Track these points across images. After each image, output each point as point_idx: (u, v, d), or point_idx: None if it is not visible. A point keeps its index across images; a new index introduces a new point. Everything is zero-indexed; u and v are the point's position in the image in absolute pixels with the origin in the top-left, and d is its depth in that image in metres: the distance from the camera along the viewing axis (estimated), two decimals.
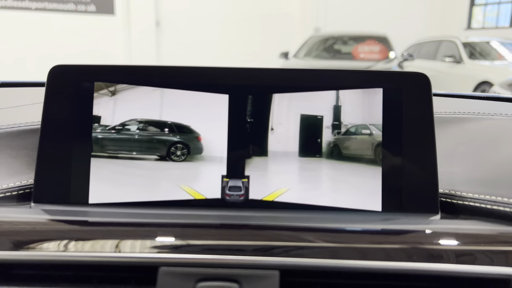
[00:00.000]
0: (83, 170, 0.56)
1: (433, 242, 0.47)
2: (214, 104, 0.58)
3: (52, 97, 0.57)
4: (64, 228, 0.49)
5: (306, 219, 0.53)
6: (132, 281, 0.46)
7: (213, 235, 0.47)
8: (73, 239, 0.47)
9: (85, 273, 0.48)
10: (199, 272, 0.43)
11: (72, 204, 0.56)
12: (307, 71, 0.58)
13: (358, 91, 0.58)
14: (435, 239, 0.48)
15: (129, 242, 0.46)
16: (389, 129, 0.57)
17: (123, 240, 0.46)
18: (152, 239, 0.46)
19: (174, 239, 0.46)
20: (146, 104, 0.58)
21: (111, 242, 0.46)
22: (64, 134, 0.57)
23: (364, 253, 0.45)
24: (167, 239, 0.46)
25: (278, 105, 0.58)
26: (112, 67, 0.58)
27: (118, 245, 0.46)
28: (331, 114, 0.58)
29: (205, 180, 0.57)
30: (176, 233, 0.47)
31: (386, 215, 0.55)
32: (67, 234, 0.48)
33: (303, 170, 0.58)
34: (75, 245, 0.46)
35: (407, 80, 0.57)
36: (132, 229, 0.48)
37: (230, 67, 0.58)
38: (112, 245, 0.46)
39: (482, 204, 0.55)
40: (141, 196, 0.56)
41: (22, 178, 0.59)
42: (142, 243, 0.46)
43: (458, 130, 0.68)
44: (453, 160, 0.62)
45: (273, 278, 0.43)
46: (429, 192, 0.55)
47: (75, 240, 0.47)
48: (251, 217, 0.54)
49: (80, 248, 0.46)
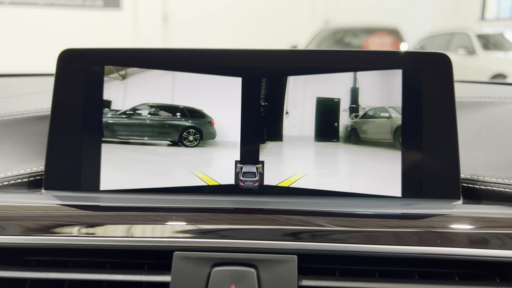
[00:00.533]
0: (93, 156, 0.55)
1: (456, 227, 0.45)
2: (227, 87, 0.56)
3: (61, 82, 0.56)
4: (75, 213, 0.48)
5: (322, 205, 0.52)
6: (146, 267, 0.45)
7: (227, 219, 0.45)
8: (84, 224, 0.46)
9: (98, 259, 0.46)
10: (215, 257, 0.42)
11: (83, 191, 0.55)
12: (323, 52, 0.56)
13: (377, 73, 0.56)
14: (458, 224, 0.46)
15: (142, 226, 0.45)
16: (409, 112, 0.55)
17: (135, 225, 0.45)
18: (165, 224, 0.45)
19: (188, 223, 0.45)
20: (157, 88, 0.56)
21: (124, 227, 0.45)
22: (74, 119, 0.55)
23: (383, 238, 0.43)
24: (181, 224, 0.45)
25: (293, 88, 0.56)
26: (122, 50, 0.57)
27: (130, 229, 0.45)
28: (348, 97, 0.56)
29: (218, 166, 0.56)
30: (190, 218, 0.46)
31: (406, 200, 0.53)
32: (79, 219, 0.46)
33: (319, 155, 0.56)
34: (87, 230, 0.45)
35: (428, 61, 0.55)
36: (144, 214, 0.47)
37: (243, 49, 0.56)
38: (124, 230, 0.45)
39: (506, 189, 0.53)
40: (153, 182, 0.55)
41: (32, 165, 0.58)
42: (155, 228, 0.45)
43: (479, 114, 0.66)
44: (475, 144, 0.60)
45: (291, 262, 0.41)
46: (450, 177, 0.53)
47: (86, 226, 0.45)
48: (266, 203, 0.52)
49: (92, 233, 0.45)
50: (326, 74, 0.56)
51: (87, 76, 0.56)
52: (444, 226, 0.45)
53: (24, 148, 0.60)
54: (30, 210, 0.48)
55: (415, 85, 0.55)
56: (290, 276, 0.41)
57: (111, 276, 0.42)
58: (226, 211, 0.48)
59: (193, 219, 0.45)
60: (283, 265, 0.41)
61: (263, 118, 0.56)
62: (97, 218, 0.46)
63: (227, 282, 0.41)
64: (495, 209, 0.50)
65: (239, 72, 0.56)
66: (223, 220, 0.45)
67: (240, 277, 0.41)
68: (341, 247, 0.42)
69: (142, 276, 0.42)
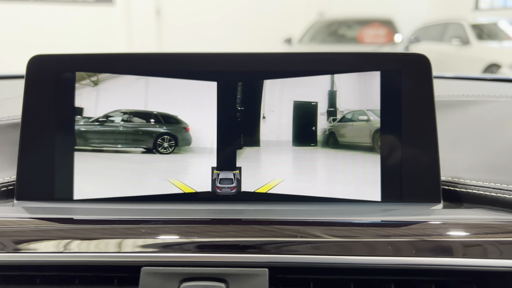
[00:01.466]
0: (66, 165, 0.54)
1: (435, 234, 0.44)
2: (202, 92, 0.55)
3: (32, 89, 0.54)
4: (47, 227, 0.47)
5: (301, 212, 0.51)
6: (115, 281, 0.44)
7: (201, 232, 0.44)
8: (56, 239, 0.44)
9: (68, 273, 0.45)
10: (183, 272, 0.41)
11: (56, 201, 0.53)
12: (300, 54, 0.55)
13: (355, 75, 0.54)
14: (437, 231, 0.45)
15: (113, 241, 0.44)
16: (387, 115, 0.54)
17: (106, 239, 0.44)
18: (136, 238, 0.44)
19: (159, 236, 0.44)
20: (130, 94, 0.55)
21: (95, 242, 0.44)
22: (46, 127, 0.54)
23: (362, 247, 0.42)
24: (151, 238, 0.44)
25: (269, 92, 0.55)
26: (93, 56, 0.55)
27: (101, 244, 0.44)
28: (326, 100, 0.55)
29: (195, 173, 0.54)
30: (160, 231, 0.44)
31: (385, 205, 0.52)
32: (50, 234, 0.45)
33: (297, 160, 0.55)
34: (58, 245, 0.44)
35: (406, 62, 0.54)
36: (116, 227, 0.45)
37: (218, 53, 0.55)
38: (95, 245, 0.44)
39: (486, 192, 0.52)
40: (128, 190, 0.54)
41: (4, 174, 0.56)
42: (126, 242, 0.44)
43: (461, 114, 0.64)
44: (456, 145, 0.59)
45: (262, 276, 0.40)
46: (430, 180, 0.52)
47: (58, 240, 0.44)
48: (243, 211, 0.51)
49: (63, 248, 0.44)
50: (303, 77, 0.55)
51: (58, 83, 0.55)
52: (421, 235, 0.44)
53: None
54: (1, 224, 0.47)
55: (394, 87, 0.54)
56: None
57: None
58: (199, 222, 0.47)
59: (164, 231, 0.44)
60: (254, 279, 0.40)
61: (240, 123, 0.55)
62: (69, 233, 0.45)
63: None
64: (474, 214, 0.49)
65: (214, 76, 0.55)
66: (195, 233, 0.44)
67: None
68: (312, 259, 0.41)
69: None
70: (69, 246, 0.44)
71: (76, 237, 0.44)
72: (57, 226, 0.47)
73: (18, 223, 0.47)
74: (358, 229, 0.45)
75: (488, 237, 0.44)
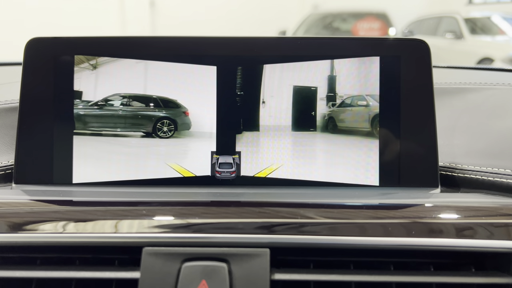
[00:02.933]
0: (65, 149, 0.54)
1: (433, 216, 0.45)
2: (202, 76, 0.55)
3: (30, 72, 0.54)
4: (46, 208, 0.47)
5: (300, 195, 0.51)
6: (116, 263, 0.44)
7: (200, 213, 0.44)
8: (55, 220, 0.44)
9: (68, 255, 0.45)
10: (185, 252, 0.41)
11: (55, 184, 0.53)
12: (300, 39, 0.55)
13: (354, 60, 0.54)
14: (435, 213, 0.45)
15: (112, 222, 0.44)
16: (386, 100, 0.54)
17: (107, 220, 0.44)
18: (136, 218, 0.44)
19: (160, 217, 0.44)
20: (129, 77, 0.55)
21: (94, 223, 0.44)
22: (44, 111, 0.54)
23: (360, 228, 0.43)
24: (152, 218, 0.44)
25: (269, 77, 0.55)
26: (92, 39, 0.55)
27: (100, 225, 0.43)
28: (325, 85, 0.55)
29: (194, 157, 0.54)
30: (161, 212, 0.44)
31: (383, 189, 0.53)
32: (49, 215, 0.45)
33: (296, 144, 0.55)
34: (57, 226, 0.44)
35: (406, 48, 0.54)
36: (115, 209, 0.45)
37: (218, 37, 0.55)
38: (95, 226, 0.44)
39: (483, 176, 0.52)
40: (127, 175, 0.54)
41: (2, 158, 0.56)
42: (126, 223, 0.43)
43: (459, 101, 0.65)
44: (454, 131, 0.60)
45: (263, 256, 0.41)
46: (428, 165, 0.53)
47: (57, 221, 0.44)
48: (242, 194, 0.51)
49: (62, 229, 0.44)
50: (303, 62, 0.55)
51: (57, 66, 0.54)
52: (419, 216, 0.44)
53: None
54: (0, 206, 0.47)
55: (393, 72, 0.54)
56: (262, 270, 0.40)
57: (79, 273, 0.41)
58: (199, 204, 0.47)
59: (164, 213, 0.44)
60: (255, 259, 0.41)
61: (239, 107, 0.55)
62: (67, 214, 0.45)
63: (198, 278, 0.40)
64: (472, 198, 0.50)
65: (214, 60, 0.55)
66: (196, 214, 0.44)
67: (211, 272, 0.40)
68: (312, 239, 0.41)
69: (111, 273, 0.41)
70: (68, 227, 0.44)
71: (75, 219, 0.44)
72: (56, 208, 0.47)
73: (16, 205, 0.47)
74: (356, 211, 0.46)
75: (484, 219, 0.44)
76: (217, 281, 0.39)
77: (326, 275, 0.41)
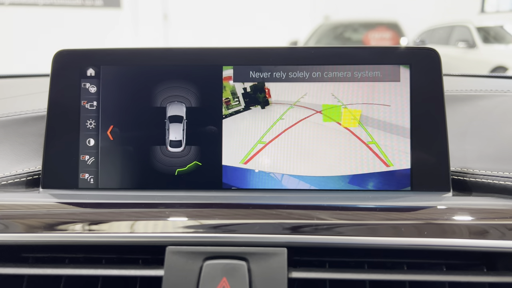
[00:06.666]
0: (91, 156, 0.56)
1: (445, 218, 0.46)
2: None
3: (57, 83, 0.57)
4: (72, 210, 0.49)
5: (315, 199, 0.53)
6: (140, 262, 0.46)
7: (221, 214, 0.46)
8: (81, 221, 0.47)
9: (94, 255, 0.48)
10: (207, 251, 0.43)
11: (80, 189, 0.56)
12: (312, 49, 0.57)
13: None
14: (447, 215, 0.47)
15: (137, 222, 0.46)
16: (399, 108, 0.56)
17: (131, 221, 0.46)
18: (160, 219, 0.46)
19: (181, 218, 0.46)
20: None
21: (119, 224, 0.46)
22: (70, 119, 0.56)
23: (373, 230, 0.44)
24: (174, 219, 0.46)
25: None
26: (118, 51, 0.57)
27: (126, 226, 0.46)
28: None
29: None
30: (182, 213, 0.47)
31: (396, 193, 0.54)
32: (76, 217, 0.48)
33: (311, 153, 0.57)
34: (84, 227, 0.46)
35: (416, 56, 0.56)
36: (139, 211, 0.48)
37: (234, 47, 0.57)
38: (120, 226, 0.46)
39: (495, 180, 0.54)
40: (149, 180, 0.56)
41: (30, 164, 0.59)
42: (150, 224, 0.46)
43: (470, 107, 0.66)
44: (465, 137, 0.61)
45: (281, 255, 0.43)
46: (440, 170, 0.54)
47: (83, 222, 0.47)
48: (260, 197, 0.53)
49: (88, 230, 0.46)
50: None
51: (82, 76, 0.57)
52: (431, 218, 0.46)
53: (22, 148, 0.61)
54: (29, 208, 0.49)
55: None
56: (280, 268, 0.42)
57: (106, 271, 0.43)
58: (219, 206, 0.49)
59: (186, 214, 0.47)
60: (273, 257, 0.42)
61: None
62: (93, 215, 0.47)
63: (219, 275, 0.42)
64: (484, 201, 0.51)
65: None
66: (215, 215, 0.46)
67: (231, 270, 0.42)
68: (328, 239, 0.43)
69: (137, 271, 0.43)
70: (95, 228, 0.46)
71: (101, 219, 0.46)
72: (83, 210, 0.49)
73: (45, 206, 0.50)
74: (369, 213, 0.47)
75: (496, 220, 0.46)
76: (237, 278, 0.41)
77: (341, 273, 0.43)
